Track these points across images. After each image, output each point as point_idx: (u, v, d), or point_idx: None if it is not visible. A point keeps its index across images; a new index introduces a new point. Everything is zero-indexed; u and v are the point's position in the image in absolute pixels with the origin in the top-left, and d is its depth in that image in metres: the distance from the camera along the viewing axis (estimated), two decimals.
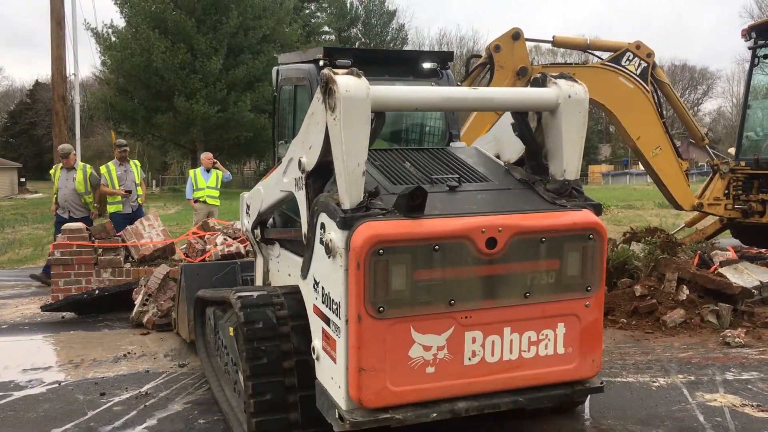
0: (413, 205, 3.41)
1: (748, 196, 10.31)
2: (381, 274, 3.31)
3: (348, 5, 61.14)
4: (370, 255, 3.27)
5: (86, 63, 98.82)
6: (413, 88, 3.91)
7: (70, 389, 5.55)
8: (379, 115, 3.60)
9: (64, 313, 8.35)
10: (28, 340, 7.24)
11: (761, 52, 10.89)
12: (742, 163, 10.63)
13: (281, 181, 4.54)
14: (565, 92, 3.84)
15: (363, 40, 61.30)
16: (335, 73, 3.44)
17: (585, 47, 9.31)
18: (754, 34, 10.84)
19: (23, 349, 6.94)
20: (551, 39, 8.98)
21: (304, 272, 4.00)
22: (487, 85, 8.40)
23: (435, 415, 3.47)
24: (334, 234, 3.43)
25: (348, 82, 3.38)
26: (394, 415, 3.41)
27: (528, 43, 8.61)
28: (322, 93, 3.52)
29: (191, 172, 13.01)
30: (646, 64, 8.86)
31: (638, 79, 8.84)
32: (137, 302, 7.72)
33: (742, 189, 10.35)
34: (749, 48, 11.06)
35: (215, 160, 12.78)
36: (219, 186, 12.52)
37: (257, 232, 5.42)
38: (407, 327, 3.40)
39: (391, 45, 62.37)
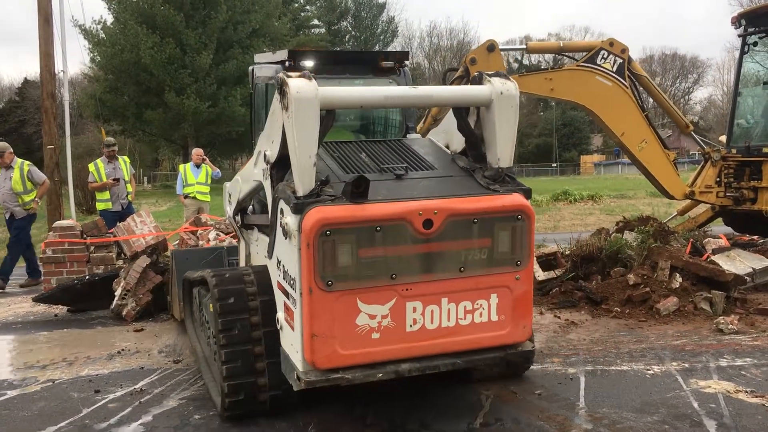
0: (357, 191, 3.80)
1: (739, 183, 10.36)
2: (328, 252, 3.72)
3: None
4: (318, 236, 3.68)
5: (75, 60, 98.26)
6: (357, 88, 4.36)
7: (65, 387, 5.53)
8: (329, 112, 3.99)
9: (57, 311, 8.31)
10: (21, 339, 7.20)
11: (751, 39, 10.92)
12: (734, 151, 10.68)
13: (253, 172, 5.06)
14: (498, 89, 4.23)
15: (353, 33, 61.21)
16: (288, 77, 3.86)
17: (558, 50, 9.39)
18: (743, 22, 10.87)
19: (16, 347, 6.90)
20: (524, 46, 9.04)
21: (270, 253, 4.47)
22: None
23: (380, 375, 3.87)
24: (289, 218, 3.86)
25: (299, 85, 3.80)
26: (344, 375, 3.82)
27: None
28: (279, 94, 3.93)
29: (181, 167, 12.98)
30: (621, 60, 8.91)
31: (615, 76, 8.89)
32: (117, 294, 7.79)
33: (733, 176, 10.39)
34: (739, 35, 11.08)
35: (204, 157, 12.75)
36: (209, 182, 12.49)
37: (238, 218, 5.92)
38: (354, 298, 3.81)
39: (381, 38, 62.29)
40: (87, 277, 8.29)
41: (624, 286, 7.49)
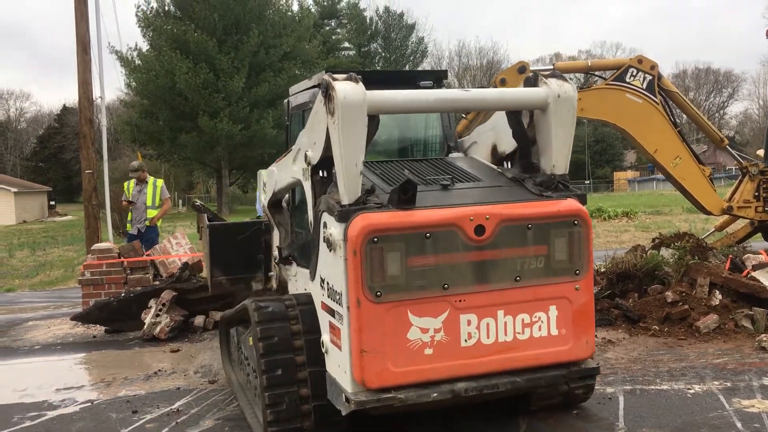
0: (404, 197, 3.68)
1: None
2: (377, 261, 3.56)
3: (367, 20, 61.49)
4: (365, 243, 3.53)
5: (111, 86, 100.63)
6: (406, 92, 4.13)
7: (103, 408, 5.60)
8: (372, 118, 3.80)
9: (95, 333, 8.44)
10: (60, 360, 7.33)
11: None
12: None
13: (291, 168, 4.87)
14: (555, 92, 4.04)
15: (383, 54, 61.59)
16: (334, 79, 3.71)
17: (587, 69, 9.34)
18: None
19: (56, 368, 7.02)
20: (552, 66, 9.02)
21: (312, 273, 4.29)
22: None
23: (436, 394, 3.64)
24: (334, 228, 3.73)
25: (346, 88, 3.65)
26: (396, 395, 3.60)
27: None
28: (324, 96, 3.78)
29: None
30: (651, 77, 8.81)
31: (645, 93, 8.79)
32: (149, 317, 7.87)
33: None
34: None
35: None
36: None
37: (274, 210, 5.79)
38: (404, 310, 3.63)
39: (411, 58, 62.59)
40: (123, 294, 8.41)
41: (662, 303, 7.35)
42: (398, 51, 62.24)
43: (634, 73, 8.78)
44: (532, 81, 4.21)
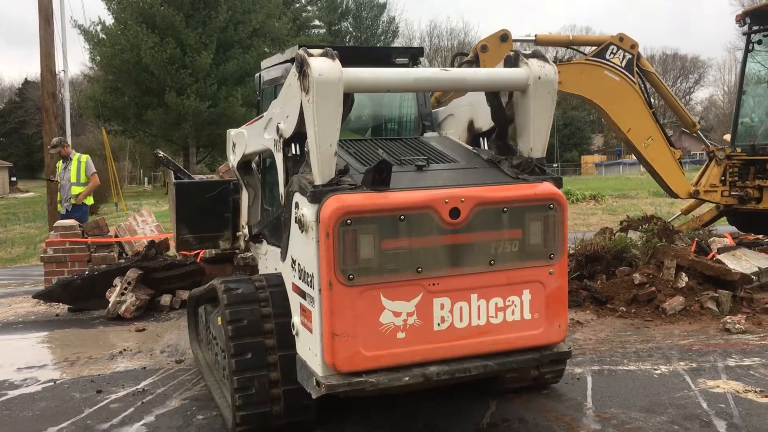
0: (379, 178, 3.60)
1: (744, 182, 10.28)
2: (349, 243, 3.50)
3: None
4: (338, 225, 3.46)
5: (75, 61, 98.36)
6: (385, 70, 4.01)
7: (66, 387, 5.48)
8: (347, 96, 3.70)
9: (58, 311, 8.26)
10: (22, 339, 7.15)
11: (755, 37, 10.85)
12: (738, 150, 10.61)
13: (263, 136, 4.73)
14: (536, 73, 3.94)
15: (353, 33, 61.12)
16: (310, 55, 3.58)
17: (568, 44, 9.29)
18: (748, 20, 10.79)
19: (17, 347, 6.85)
20: (534, 38, 8.95)
21: (283, 254, 4.20)
22: None
23: (407, 378, 3.61)
24: (306, 209, 3.65)
25: (322, 65, 3.53)
26: (368, 379, 3.56)
27: (515, 44, 8.59)
28: (298, 71, 3.66)
29: None
30: (630, 56, 8.81)
31: (624, 71, 8.79)
32: (114, 295, 7.70)
33: (738, 175, 10.31)
34: (743, 33, 11.02)
35: None
36: None
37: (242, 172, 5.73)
38: (377, 294, 3.58)
39: (382, 38, 62.19)
40: (87, 272, 8.23)
41: (629, 285, 7.43)
42: (369, 30, 61.79)
43: (614, 51, 8.76)
44: (513, 61, 4.09)
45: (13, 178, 49.35)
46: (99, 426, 4.64)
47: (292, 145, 4.15)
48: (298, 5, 57.81)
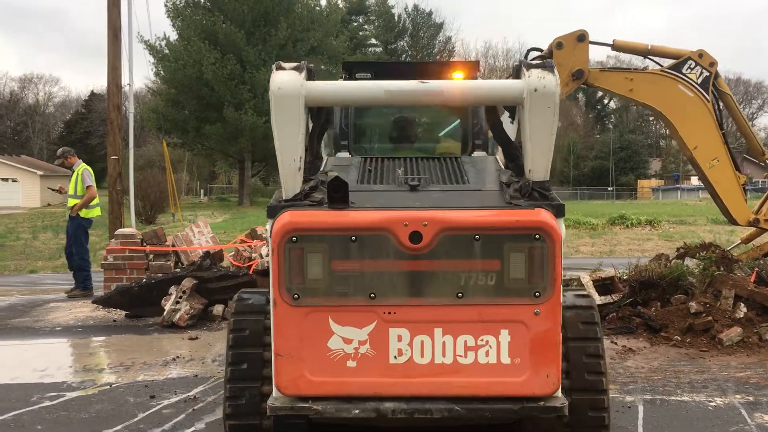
0: (335, 196, 3.43)
1: None
2: (295, 261, 3.35)
3: (396, 18, 61.46)
4: (284, 242, 3.34)
5: (139, 75, 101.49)
6: (353, 83, 3.81)
7: (121, 391, 5.63)
8: (320, 111, 3.61)
9: (116, 317, 8.51)
10: (80, 342, 7.40)
11: None
12: None
13: None
14: (532, 84, 3.45)
15: (410, 52, 61.52)
16: (279, 68, 3.51)
17: (646, 53, 9.08)
18: None
19: (76, 350, 7.09)
20: (611, 43, 8.85)
21: None
22: None
23: (358, 411, 3.38)
24: (267, 224, 3.56)
25: (282, 79, 3.44)
26: (313, 406, 3.39)
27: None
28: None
29: None
30: (708, 74, 8.59)
31: (699, 88, 8.58)
32: (169, 303, 7.89)
33: None
34: None
35: None
36: None
37: None
38: (325, 317, 3.40)
39: (437, 57, 62.45)
40: (144, 280, 8.48)
41: (685, 314, 7.25)
42: (425, 50, 62.14)
43: (692, 66, 8.58)
44: (515, 71, 3.72)
45: None
46: (151, 430, 4.75)
47: None
48: (355, 24, 58.62)
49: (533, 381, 3.40)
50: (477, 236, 3.35)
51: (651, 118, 72.72)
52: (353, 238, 3.35)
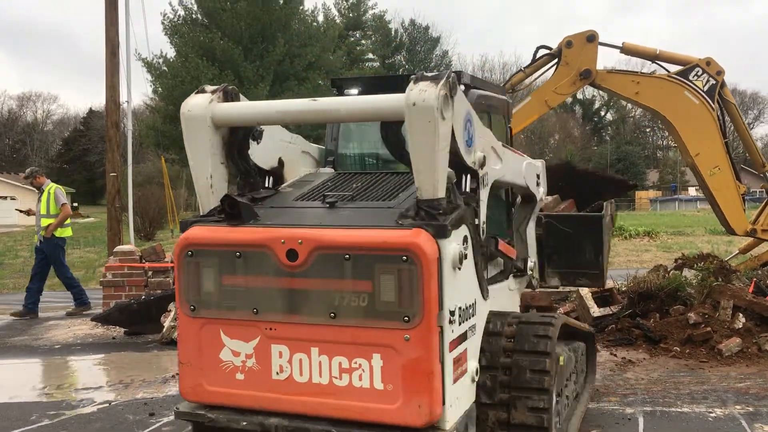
0: (229, 212, 3.60)
1: None
2: (192, 275, 3.56)
3: (393, 33, 61.77)
4: (182, 255, 3.56)
5: (137, 92, 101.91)
6: (248, 104, 3.89)
7: (120, 409, 5.63)
8: (234, 130, 3.76)
9: (115, 334, 8.50)
10: (79, 360, 7.39)
11: None
12: None
13: None
14: (411, 99, 3.19)
15: (407, 66, 61.78)
16: (201, 91, 3.72)
17: (654, 57, 9.11)
18: None
19: (75, 368, 7.08)
20: (620, 46, 8.91)
21: None
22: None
23: (245, 423, 3.47)
24: None
25: (193, 102, 3.67)
26: (207, 414, 3.56)
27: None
28: None
29: None
30: (714, 82, 8.62)
31: (704, 95, 8.61)
32: (168, 320, 7.88)
33: None
34: None
35: None
36: None
37: None
38: (217, 329, 3.55)
39: (435, 71, 62.73)
40: (143, 297, 8.47)
41: (684, 324, 7.26)
42: (422, 64, 62.39)
43: (699, 73, 8.61)
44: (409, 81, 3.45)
45: (75, 204, 51.05)
46: None
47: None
48: (353, 39, 58.86)
49: (404, 410, 3.24)
50: (347, 256, 3.29)
51: (648, 130, 73.07)
52: (238, 254, 3.48)
